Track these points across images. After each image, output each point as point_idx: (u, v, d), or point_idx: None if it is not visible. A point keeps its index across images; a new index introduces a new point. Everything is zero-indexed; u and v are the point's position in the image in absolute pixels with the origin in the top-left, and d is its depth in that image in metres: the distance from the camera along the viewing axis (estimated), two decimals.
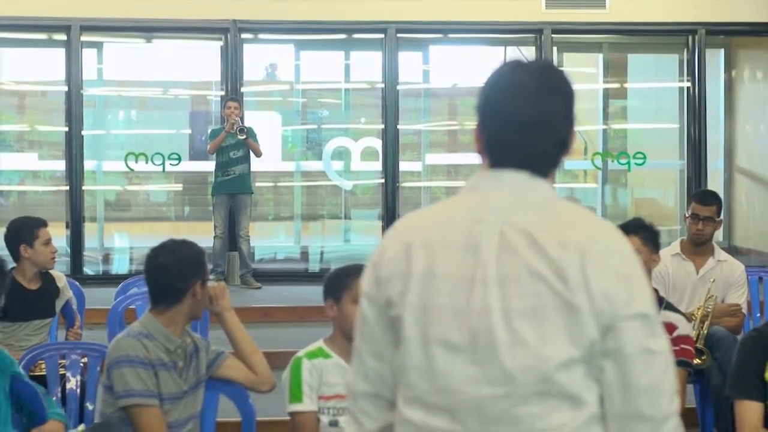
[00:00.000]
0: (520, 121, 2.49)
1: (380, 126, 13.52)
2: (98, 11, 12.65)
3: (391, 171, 13.24)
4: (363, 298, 2.60)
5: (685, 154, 13.77)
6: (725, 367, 6.21)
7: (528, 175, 2.49)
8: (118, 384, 4.33)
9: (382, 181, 13.34)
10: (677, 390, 2.45)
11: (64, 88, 12.96)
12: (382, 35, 13.26)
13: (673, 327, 5.42)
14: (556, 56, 13.66)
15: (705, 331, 6.46)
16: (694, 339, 6.01)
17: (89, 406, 5.37)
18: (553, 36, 13.30)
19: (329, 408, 4.52)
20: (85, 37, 13.00)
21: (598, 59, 14.74)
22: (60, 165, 13.31)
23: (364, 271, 2.63)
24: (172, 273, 4.48)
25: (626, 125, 15.26)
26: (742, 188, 14.76)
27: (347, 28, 13.69)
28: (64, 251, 12.66)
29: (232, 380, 4.67)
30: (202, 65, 14.01)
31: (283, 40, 14.28)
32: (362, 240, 14.81)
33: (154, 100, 15.14)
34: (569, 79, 2.60)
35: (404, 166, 13.76)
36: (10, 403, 4.36)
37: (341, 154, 14.15)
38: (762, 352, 4.28)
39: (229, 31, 12.96)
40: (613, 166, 14.02)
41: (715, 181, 13.97)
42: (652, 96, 15.26)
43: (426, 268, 2.47)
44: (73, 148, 12.81)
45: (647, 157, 13.48)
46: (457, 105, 16.11)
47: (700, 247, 6.97)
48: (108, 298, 7.99)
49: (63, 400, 5.43)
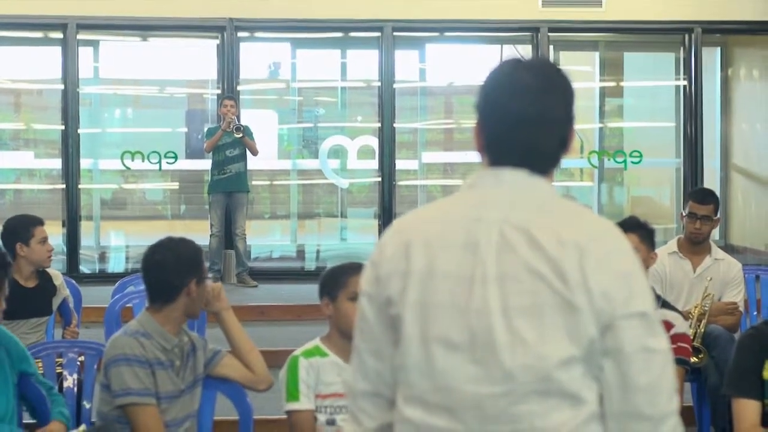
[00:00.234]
0: (520, 118, 2.48)
1: (377, 124, 13.51)
2: (94, 9, 12.64)
3: (387, 169, 13.23)
4: (362, 297, 2.59)
5: (681, 152, 13.76)
6: (722, 365, 6.22)
7: (527, 174, 2.48)
8: (115, 383, 4.32)
9: (379, 179, 13.33)
10: (677, 389, 2.44)
11: (60, 86, 12.94)
12: (378, 33, 13.25)
13: (670, 325, 5.42)
14: (552, 54, 13.65)
15: (702, 330, 6.46)
16: (691, 337, 6.00)
17: (86, 404, 5.37)
18: (549, 34, 13.30)
19: (326, 407, 4.52)
20: (82, 36, 12.98)
21: (595, 57, 14.76)
22: (56, 163, 13.31)
23: (364, 269, 2.62)
24: (168, 270, 4.48)
25: (622, 123, 15.28)
26: (739, 187, 14.78)
27: (344, 27, 13.68)
28: (60, 250, 12.64)
29: (229, 379, 4.67)
30: (199, 63, 14.00)
31: (279, 38, 14.28)
32: (359, 238, 14.81)
33: (151, 99, 15.14)
34: (569, 78, 2.59)
35: (401, 164, 13.75)
36: (17, 399, 4.37)
37: (337, 153, 14.14)
38: (760, 351, 4.28)
39: (225, 29, 12.94)
40: (609, 165, 14.02)
41: (711, 180, 13.97)
42: (648, 94, 15.28)
43: (425, 266, 2.47)
44: (69, 147, 12.80)
45: (643, 156, 13.47)
46: (453, 103, 16.11)
47: (698, 245, 6.97)
48: (104, 297, 7.98)
49: None
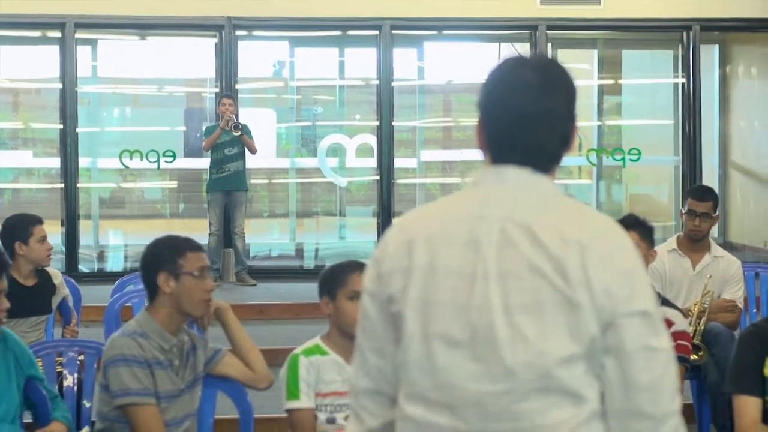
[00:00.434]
0: (522, 116, 2.49)
1: (375, 123, 13.50)
2: (92, 8, 12.63)
3: (386, 168, 13.23)
4: (365, 294, 2.60)
5: (679, 150, 13.76)
6: (722, 362, 6.22)
7: (530, 171, 2.48)
8: (114, 383, 4.32)
9: (377, 177, 13.33)
10: (679, 387, 2.44)
11: (58, 85, 12.94)
12: (376, 32, 13.24)
13: (669, 323, 5.42)
14: (550, 52, 13.64)
15: (702, 327, 6.46)
16: (691, 335, 6.01)
17: (86, 403, 5.37)
18: (547, 32, 13.30)
19: (326, 405, 4.51)
20: (80, 35, 12.98)
21: (593, 55, 14.76)
22: (55, 162, 13.30)
23: (367, 267, 2.63)
24: (142, 267, 4.52)
25: (621, 121, 15.29)
26: (737, 184, 14.79)
27: (342, 25, 13.67)
28: (59, 249, 12.63)
29: (229, 377, 4.66)
30: (197, 62, 14.00)
31: (277, 36, 14.28)
32: (357, 237, 14.82)
33: (149, 98, 15.14)
34: (571, 76, 2.59)
35: (399, 162, 13.75)
36: (22, 402, 4.37)
37: (336, 151, 14.13)
38: (761, 348, 4.28)
39: (223, 27, 12.94)
40: (607, 162, 14.03)
41: (709, 177, 13.97)
42: (646, 92, 15.28)
43: (427, 263, 2.47)
44: (67, 146, 12.79)
45: (642, 153, 13.46)
46: (452, 101, 16.11)
47: (697, 243, 6.97)
48: (103, 296, 7.98)
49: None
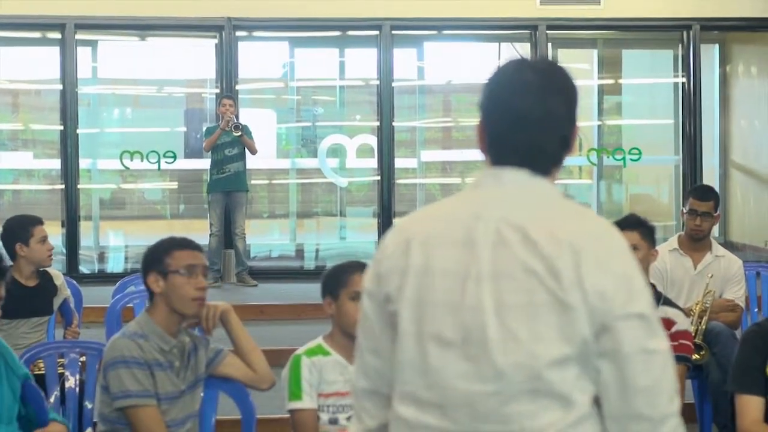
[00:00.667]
0: (522, 117, 2.49)
1: (375, 123, 13.51)
2: (93, 9, 12.63)
3: (386, 168, 13.22)
4: (364, 294, 2.62)
5: (680, 149, 13.76)
6: (724, 362, 6.22)
7: (529, 173, 2.49)
8: (115, 385, 4.31)
9: (378, 178, 13.33)
10: (677, 389, 2.44)
11: (58, 86, 12.94)
12: (376, 32, 13.24)
13: (671, 322, 5.42)
14: (550, 52, 13.65)
15: (703, 327, 6.46)
16: (693, 334, 6.01)
17: (88, 404, 5.37)
18: (547, 32, 13.30)
19: (329, 405, 4.52)
20: (80, 36, 12.98)
21: (593, 55, 14.76)
22: (55, 164, 13.30)
23: (368, 267, 2.64)
24: (141, 268, 4.53)
25: (621, 121, 15.29)
26: (738, 183, 14.79)
27: (342, 25, 13.68)
28: (60, 250, 12.63)
29: (231, 378, 4.66)
30: (197, 63, 14.00)
31: (277, 37, 14.28)
32: (358, 237, 14.82)
33: (149, 98, 15.15)
34: (572, 78, 2.59)
35: (399, 163, 13.75)
36: (17, 405, 4.36)
37: (336, 152, 14.13)
38: (763, 347, 4.28)
39: (223, 28, 12.94)
40: (608, 162, 14.03)
41: (710, 177, 13.97)
42: (646, 92, 15.29)
43: (423, 263, 2.49)
44: (68, 147, 12.79)
45: (642, 153, 13.46)
46: (452, 101, 16.12)
47: (698, 242, 6.97)
48: (104, 297, 7.98)
49: (62, 399, 5.42)
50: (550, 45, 13.53)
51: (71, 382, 5.46)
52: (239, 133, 11.89)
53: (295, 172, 14.64)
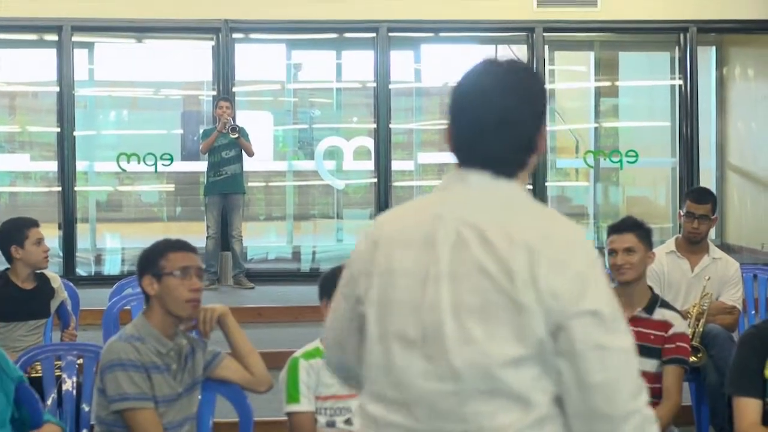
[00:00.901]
0: (481, 123, 2.53)
1: (372, 125, 13.51)
2: (89, 11, 12.62)
3: (383, 170, 13.22)
4: (339, 294, 2.70)
5: (677, 151, 13.76)
6: (721, 364, 6.22)
7: (492, 176, 2.52)
8: (111, 388, 4.31)
9: (375, 180, 13.33)
10: (641, 386, 2.43)
11: (55, 88, 12.93)
12: (373, 34, 13.25)
13: (668, 325, 5.42)
14: (547, 54, 13.66)
15: (701, 329, 6.46)
16: (690, 337, 6.00)
17: (85, 407, 5.37)
18: (544, 34, 13.30)
19: (326, 408, 4.52)
20: (77, 38, 12.97)
21: (590, 57, 14.76)
22: (52, 166, 13.28)
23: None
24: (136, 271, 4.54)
25: (618, 123, 15.29)
26: (734, 186, 14.79)
27: (339, 28, 13.68)
28: (56, 252, 12.63)
29: (229, 381, 4.66)
30: (194, 65, 13.99)
31: (274, 39, 14.28)
32: (354, 239, 14.77)
33: (146, 101, 15.13)
34: (537, 79, 2.63)
35: (396, 165, 13.74)
36: (11, 407, 4.36)
37: (333, 154, 14.13)
38: (761, 349, 4.27)
39: (220, 30, 12.94)
40: (605, 164, 14.02)
41: (707, 179, 13.97)
42: (643, 94, 15.28)
43: (387, 264, 2.54)
44: (64, 149, 12.78)
45: (639, 155, 13.47)
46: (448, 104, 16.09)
47: (695, 245, 6.96)
48: (101, 299, 7.97)
49: (59, 402, 5.42)
50: (546, 47, 13.54)
51: (68, 385, 5.46)
52: (236, 135, 11.89)
53: (291, 174, 14.63)
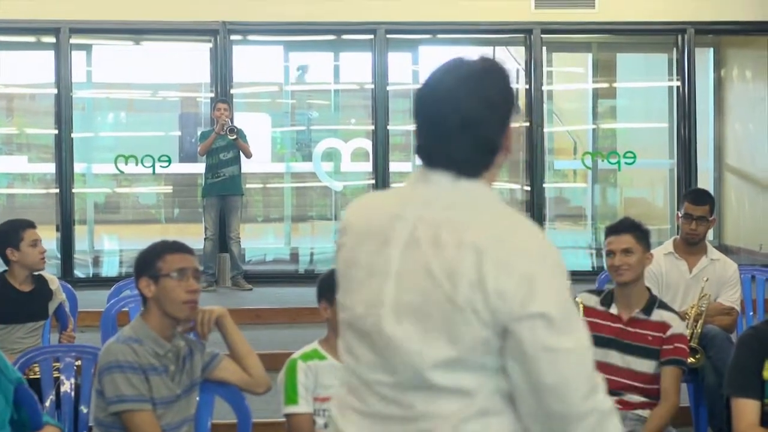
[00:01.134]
0: (440, 125, 2.51)
1: (370, 127, 13.51)
2: (87, 13, 12.63)
3: (381, 172, 13.22)
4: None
5: (674, 153, 13.78)
6: (719, 365, 6.23)
7: (453, 176, 2.50)
8: (109, 390, 4.31)
9: (372, 181, 13.33)
10: (597, 385, 2.42)
11: (53, 90, 12.93)
12: (371, 36, 13.25)
13: (666, 326, 5.42)
14: (545, 56, 13.67)
15: (699, 330, 6.46)
16: (688, 338, 6.00)
17: (84, 409, 5.37)
18: (542, 36, 13.31)
19: (324, 410, 4.51)
20: (74, 40, 12.98)
21: (588, 59, 14.76)
22: (50, 168, 13.28)
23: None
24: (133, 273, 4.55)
25: (616, 125, 15.28)
26: (732, 187, 14.79)
27: (336, 29, 13.68)
28: (54, 254, 12.64)
29: (227, 382, 4.66)
30: (192, 67, 14.00)
31: (272, 41, 14.28)
32: None
33: (144, 103, 15.12)
34: (503, 78, 2.57)
35: (394, 166, 13.71)
36: (10, 409, 4.35)
37: (331, 155, 14.13)
38: (759, 350, 4.27)
39: (218, 32, 12.94)
40: (603, 166, 14.03)
41: (704, 180, 13.99)
42: (641, 95, 15.28)
43: (349, 254, 2.60)
44: (62, 151, 12.79)
45: (637, 157, 13.48)
46: None
47: (693, 246, 6.97)
48: (99, 301, 7.97)
49: (57, 403, 5.42)
50: (544, 49, 13.54)
51: (66, 387, 5.46)
52: (234, 136, 11.90)
53: (289, 175, 14.63)
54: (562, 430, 2.39)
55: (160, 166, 13.10)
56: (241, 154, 12.09)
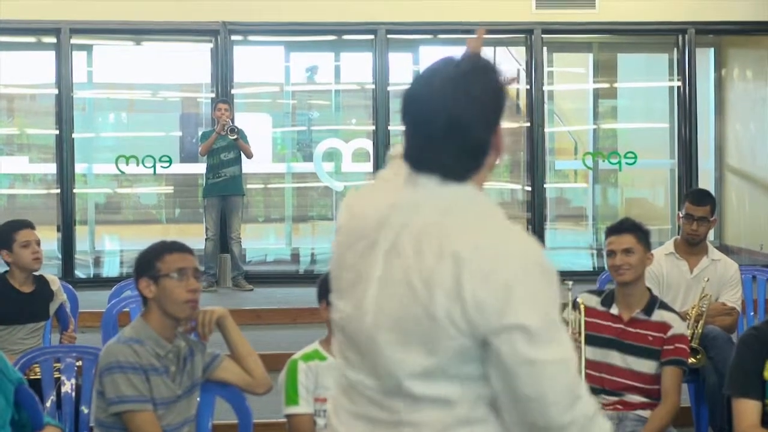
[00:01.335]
0: (428, 129, 2.44)
1: (371, 127, 13.51)
2: (88, 14, 12.63)
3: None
4: None
5: (675, 153, 13.78)
6: (720, 366, 6.22)
7: (440, 180, 2.44)
8: (110, 390, 4.31)
9: (373, 182, 13.29)
10: (579, 394, 2.37)
11: (54, 91, 12.94)
12: (372, 36, 13.26)
13: (667, 326, 5.42)
14: (546, 56, 13.67)
15: (700, 331, 6.46)
16: (689, 338, 6.00)
17: (84, 409, 5.37)
18: (543, 36, 13.31)
19: (325, 410, 4.51)
20: (75, 40, 12.98)
21: (588, 59, 14.76)
22: (50, 168, 13.28)
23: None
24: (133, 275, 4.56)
25: (617, 125, 15.27)
26: (733, 187, 14.79)
27: (337, 30, 13.68)
28: (55, 255, 12.65)
29: (228, 383, 4.66)
30: (193, 67, 13.99)
31: (273, 41, 14.28)
32: None
33: (145, 103, 15.10)
34: (492, 78, 2.50)
35: None
36: (11, 409, 4.36)
37: (332, 156, 14.12)
38: (761, 351, 4.28)
39: (219, 33, 12.95)
40: (603, 166, 14.02)
41: (705, 181, 13.98)
42: (642, 95, 15.27)
43: (340, 258, 2.58)
44: (63, 151, 12.79)
45: (638, 157, 13.48)
46: None
47: (694, 246, 6.96)
48: (100, 301, 7.97)
49: (58, 404, 5.42)
50: (545, 49, 13.55)
51: (67, 387, 5.46)
52: (235, 136, 11.90)
53: (290, 176, 14.62)
54: None
55: (161, 166, 13.10)
56: (242, 154, 12.09)
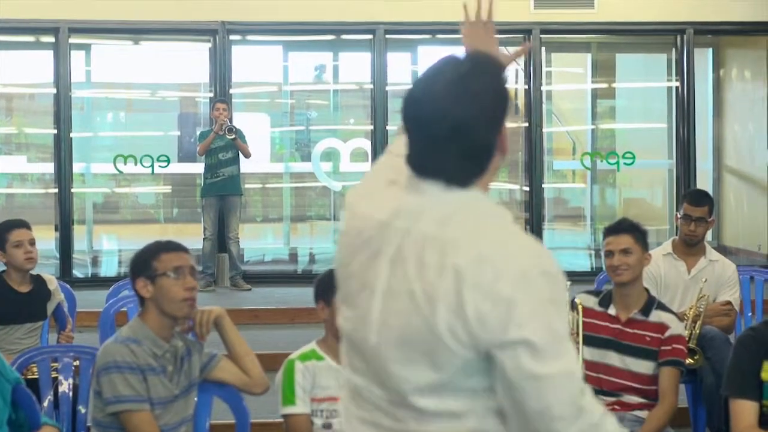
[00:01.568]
0: (431, 133, 2.38)
1: (369, 127, 13.51)
2: (86, 13, 12.62)
3: None
4: None
5: (673, 153, 13.77)
6: (718, 366, 6.22)
7: (444, 185, 2.39)
8: (107, 390, 4.31)
9: None
10: (584, 405, 2.34)
11: (52, 90, 12.93)
12: (370, 36, 13.25)
13: (665, 327, 5.42)
14: (544, 56, 13.67)
15: (697, 331, 6.46)
16: (687, 339, 6.01)
17: (82, 409, 5.37)
18: (541, 36, 13.31)
19: (322, 410, 4.52)
20: (74, 40, 12.98)
21: (587, 59, 14.76)
22: (49, 168, 13.27)
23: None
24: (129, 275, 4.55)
25: (615, 125, 15.28)
26: (731, 188, 14.80)
27: (336, 29, 13.68)
28: (53, 254, 12.64)
29: (225, 382, 4.66)
30: (191, 67, 13.99)
31: (271, 41, 14.28)
32: None
33: (143, 102, 15.10)
34: (494, 78, 2.44)
35: None
36: (8, 409, 4.36)
37: (330, 156, 14.12)
38: (758, 351, 4.28)
39: (217, 32, 12.94)
40: (602, 166, 14.02)
41: (703, 181, 13.99)
42: (640, 96, 15.27)
43: (346, 265, 2.54)
44: (61, 151, 12.79)
45: (636, 157, 13.48)
46: None
47: (692, 247, 6.96)
48: (98, 301, 7.97)
49: (55, 404, 5.42)
50: (543, 49, 13.55)
51: (65, 387, 5.46)
52: (233, 136, 11.90)
53: (288, 176, 14.62)
54: None
55: (159, 165, 13.10)
56: (240, 154, 12.09)
